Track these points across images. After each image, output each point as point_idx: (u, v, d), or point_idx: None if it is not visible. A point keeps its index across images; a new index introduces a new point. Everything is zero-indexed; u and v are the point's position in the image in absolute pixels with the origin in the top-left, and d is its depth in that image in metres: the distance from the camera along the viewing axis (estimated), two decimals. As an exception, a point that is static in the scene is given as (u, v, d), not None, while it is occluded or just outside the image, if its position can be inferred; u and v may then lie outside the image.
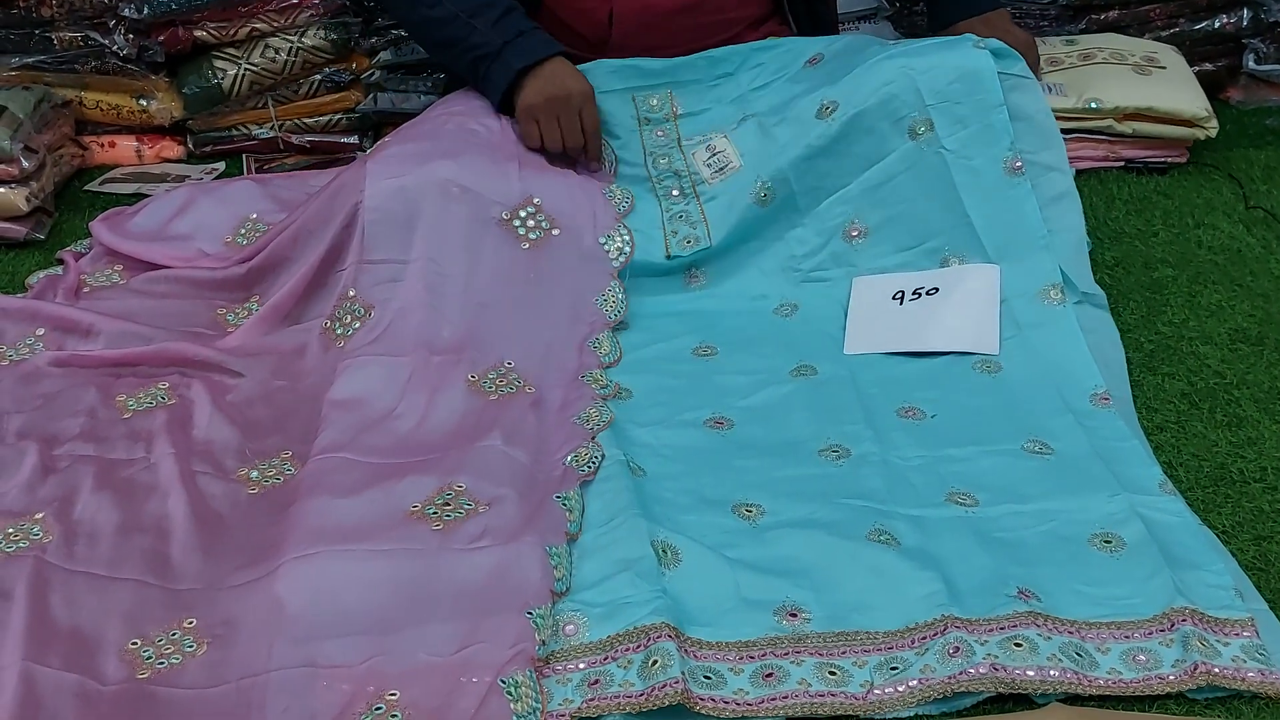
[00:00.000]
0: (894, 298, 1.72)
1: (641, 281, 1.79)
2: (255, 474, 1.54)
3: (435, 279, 1.69)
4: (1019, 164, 1.75)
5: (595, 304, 1.72)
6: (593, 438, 1.51)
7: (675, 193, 1.84)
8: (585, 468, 1.46)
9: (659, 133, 1.90)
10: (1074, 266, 1.75)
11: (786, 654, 1.28)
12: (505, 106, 1.82)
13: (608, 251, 1.75)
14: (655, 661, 1.24)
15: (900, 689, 1.24)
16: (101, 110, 2.28)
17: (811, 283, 1.79)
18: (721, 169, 1.83)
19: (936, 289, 1.72)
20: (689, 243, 1.79)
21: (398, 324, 1.67)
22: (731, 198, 1.81)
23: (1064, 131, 1.87)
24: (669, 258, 1.79)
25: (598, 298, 1.72)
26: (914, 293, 1.72)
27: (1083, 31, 2.32)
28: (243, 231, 1.96)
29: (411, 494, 1.43)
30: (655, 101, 1.91)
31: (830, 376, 1.66)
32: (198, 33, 2.21)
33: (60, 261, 2.00)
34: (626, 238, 1.76)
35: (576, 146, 1.79)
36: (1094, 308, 1.74)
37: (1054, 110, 1.84)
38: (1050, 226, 1.75)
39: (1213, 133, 2.09)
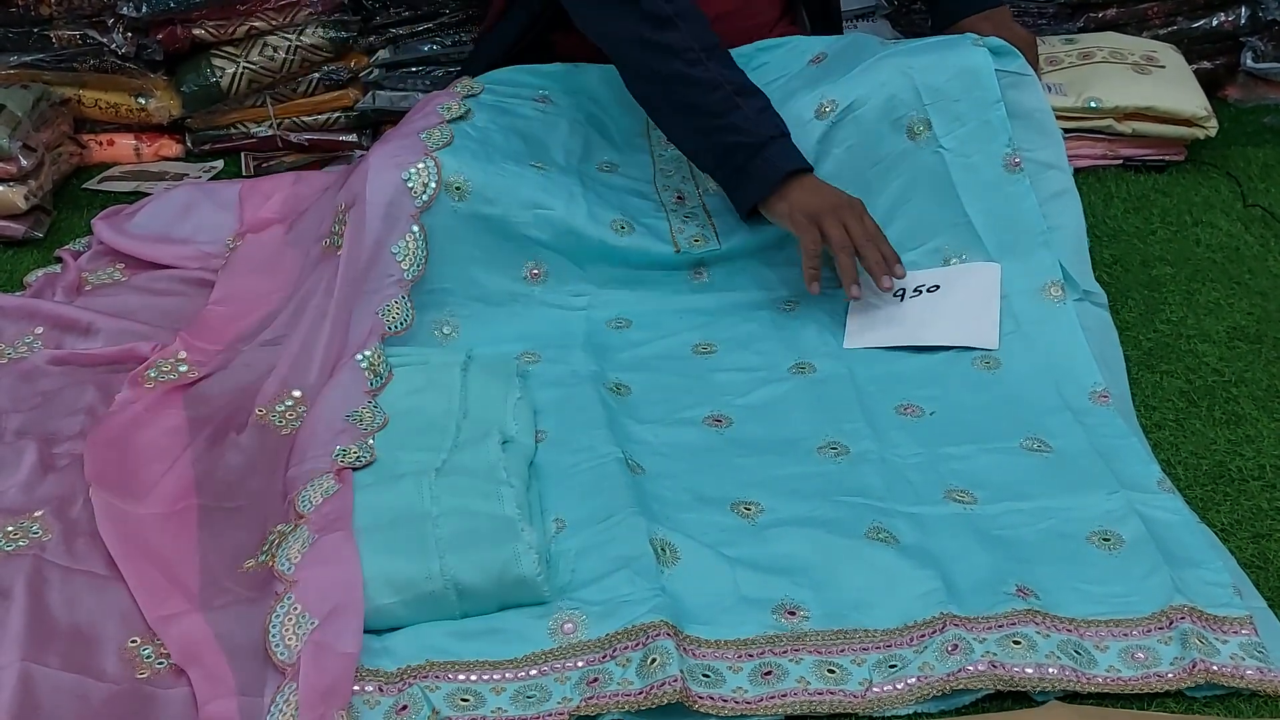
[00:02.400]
0: (895, 295, 1.72)
1: (646, 276, 1.79)
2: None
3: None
4: (1018, 161, 1.75)
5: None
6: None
7: (678, 198, 1.84)
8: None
9: (665, 140, 1.90)
10: (1074, 263, 1.75)
11: (785, 652, 1.28)
12: (753, 203, 1.72)
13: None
14: (654, 660, 1.24)
15: (899, 687, 1.24)
16: (100, 108, 2.28)
17: (811, 282, 1.79)
18: None
19: (938, 286, 1.72)
20: (698, 241, 1.79)
21: None
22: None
23: (1063, 129, 1.87)
24: (678, 252, 1.79)
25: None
26: (915, 290, 1.72)
27: (1081, 30, 2.32)
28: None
29: None
30: None
31: (829, 374, 1.66)
32: (196, 31, 2.21)
33: (58, 260, 2.00)
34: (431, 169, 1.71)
35: (874, 240, 1.67)
36: (1094, 306, 1.74)
37: (1054, 109, 1.84)
38: (1049, 223, 1.75)
39: (1212, 132, 2.09)
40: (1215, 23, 2.33)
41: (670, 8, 1.70)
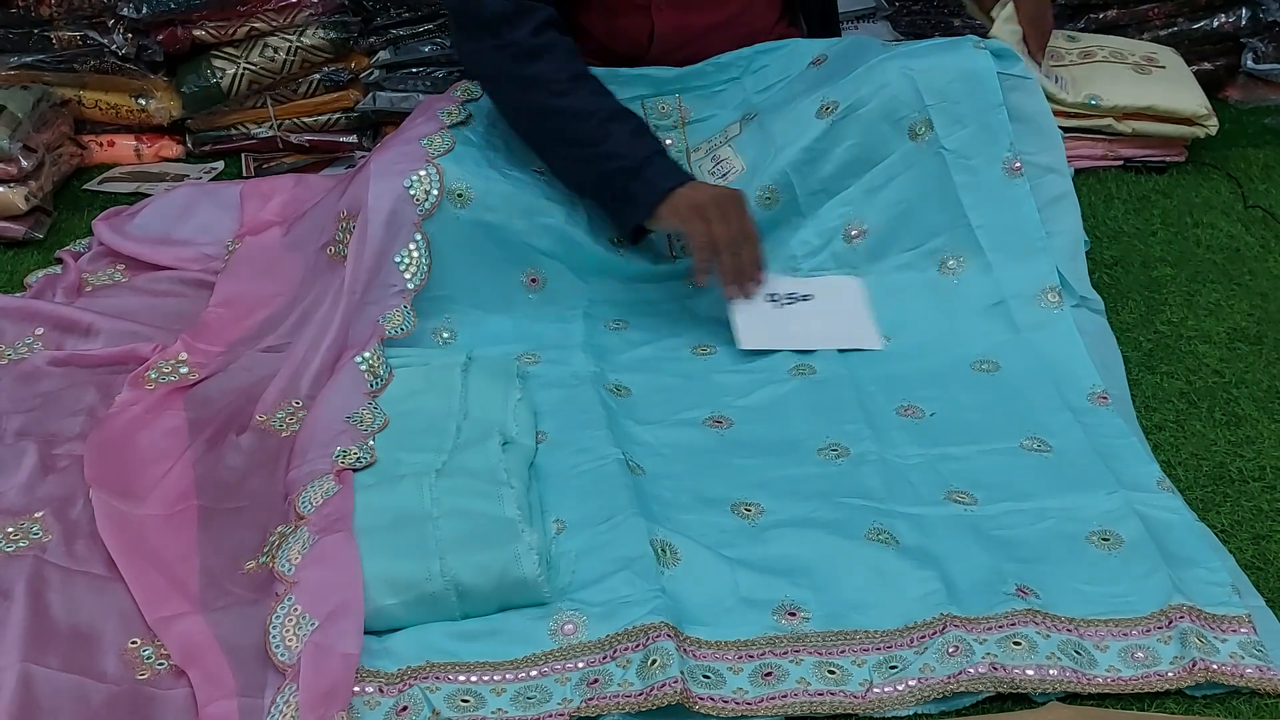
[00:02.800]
0: (768, 299, 1.72)
1: (644, 286, 1.79)
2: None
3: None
4: (1018, 164, 1.75)
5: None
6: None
7: None
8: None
9: (667, 141, 1.90)
10: (1071, 270, 1.75)
11: (785, 653, 1.28)
12: (636, 223, 1.72)
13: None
14: (654, 661, 1.24)
15: (899, 688, 1.24)
16: (100, 109, 2.28)
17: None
18: (724, 175, 1.84)
19: (810, 295, 1.74)
20: (693, 246, 1.80)
21: None
22: (733, 199, 1.81)
23: (1064, 129, 1.87)
24: (674, 260, 1.79)
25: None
26: (788, 297, 1.73)
27: (1081, 31, 2.33)
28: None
29: None
30: (665, 108, 1.92)
31: (829, 375, 1.66)
32: (196, 32, 2.22)
33: (59, 261, 2.00)
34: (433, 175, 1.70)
35: (750, 239, 1.68)
36: (1091, 312, 1.74)
37: (1055, 105, 1.84)
38: (1048, 228, 1.75)
39: (1213, 130, 2.09)
40: (1216, 24, 2.33)
41: (536, 40, 1.69)
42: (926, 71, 1.77)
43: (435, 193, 1.70)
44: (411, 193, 1.69)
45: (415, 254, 1.68)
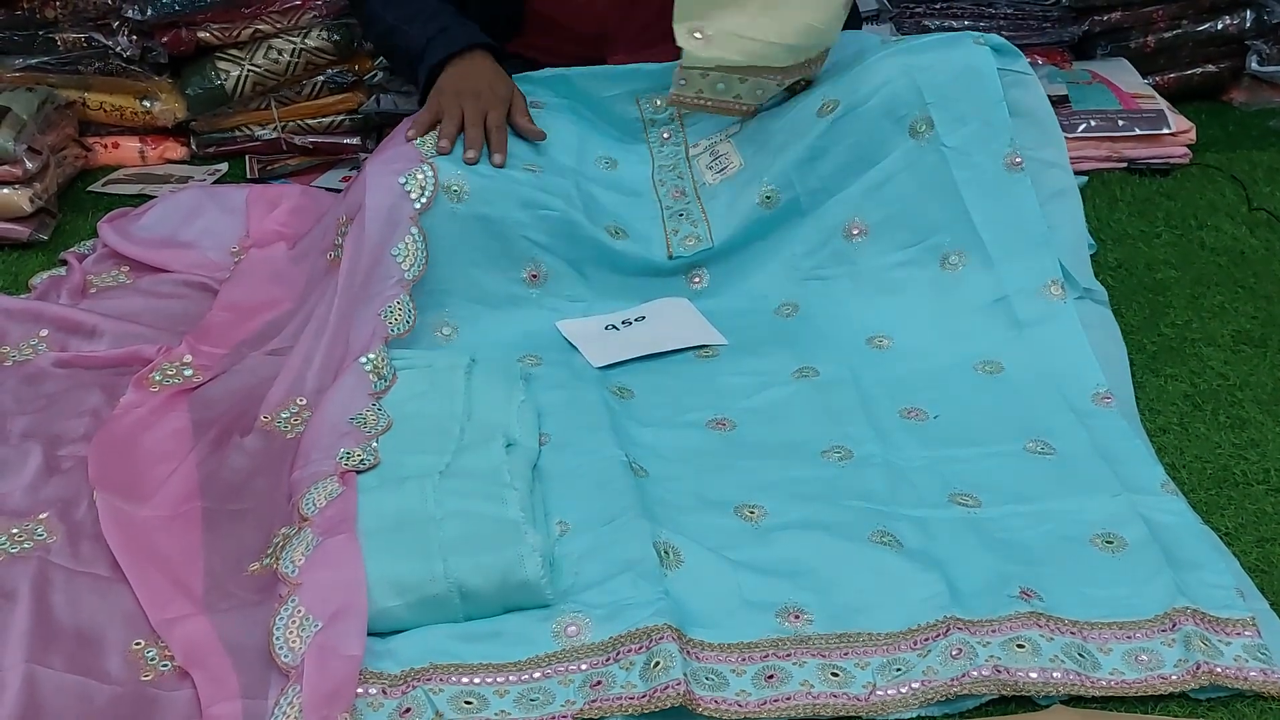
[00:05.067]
0: (607, 328, 1.73)
1: (643, 282, 1.79)
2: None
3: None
4: (1019, 160, 1.75)
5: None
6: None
7: (677, 194, 1.84)
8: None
9: (665, 134, 1.90)
10: (1074, 262, 1.75)
11: (789, 655, 1.28)
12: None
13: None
14: (657, 663, 1.24)
15: (903, 690, 1.24)
16: (105, 111, 2.28)
17: (812, 281, 1.79)
18: (723, 170, 1.84)
19: (643, 317, 1.75)
20: (691, 241, 1.80)
21: None
22: (733, 197, 1.81)
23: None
24: (671, 257, 1.79)
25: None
26: (623, 322, 1.74)
27: (1085, 33, 2.33)
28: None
29: None
30: (659, 102, 1.92)
31: (832, 378, 1.66)
32: (201, 34, 2.22)
33: (63, 262, 2.00)
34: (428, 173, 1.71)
35: (474, 141, 1.74)
36: (1095, 303, 1.74)
37: None
38: (1050, 222, 1.75)
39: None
40: (1220, 26, 2.33)
41: None
42: (927, 69, 1.77)
43: (430, 189, 1.70)
44: (407, 189, 1.70)
45: (412, 247, 1.68)
